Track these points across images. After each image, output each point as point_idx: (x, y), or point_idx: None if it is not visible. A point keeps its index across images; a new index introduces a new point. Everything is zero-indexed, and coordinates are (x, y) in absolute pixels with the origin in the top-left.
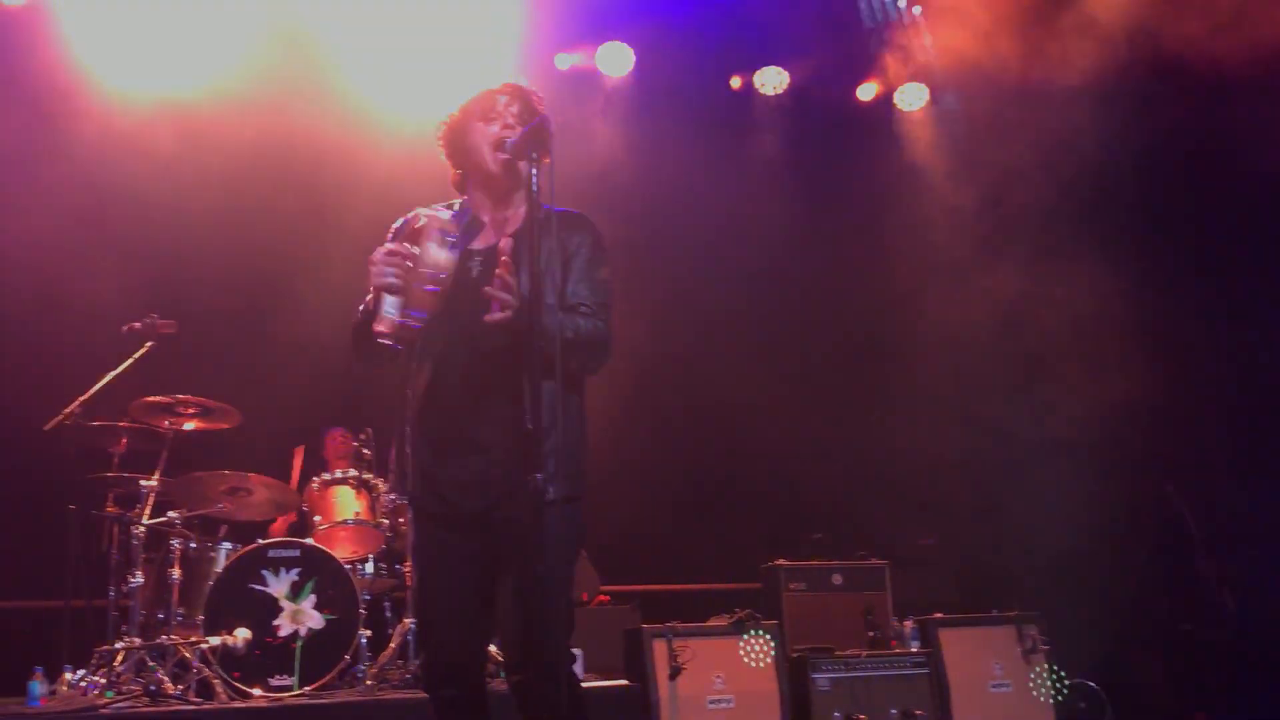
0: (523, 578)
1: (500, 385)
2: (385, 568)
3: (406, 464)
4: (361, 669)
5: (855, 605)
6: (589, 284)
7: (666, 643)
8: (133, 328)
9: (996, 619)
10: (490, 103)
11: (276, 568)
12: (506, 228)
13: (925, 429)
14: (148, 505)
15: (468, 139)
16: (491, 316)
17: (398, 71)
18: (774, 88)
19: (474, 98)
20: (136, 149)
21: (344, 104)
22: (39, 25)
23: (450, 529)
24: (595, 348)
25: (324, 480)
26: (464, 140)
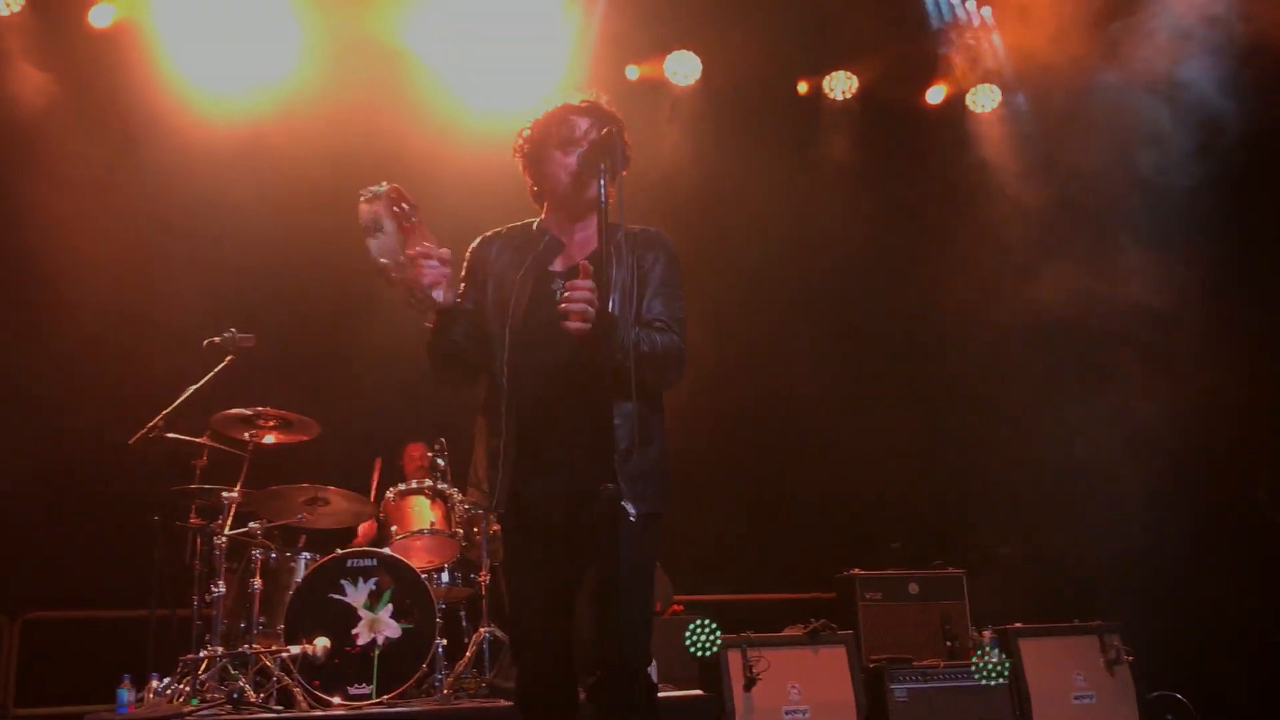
0: (602, 583)
1: (581, 402)
2: (461, 577)
3: (492, 481)
4: (438, 678)
5: (932, 614)
6: (664, 300)
7: (741, 653)
8: (213, 342)
9: (1078, 628)
10: (568, 128)
11: (355, 577)
12: (583, 249)
13: (1002, 434)
14: (229, 516)
15: (544, 165)
16: (569, 325)
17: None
18: (843, 92)
19: (550, 115)
20: (214, 165)
21: (421, 112)
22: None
23: (538, 544)
24: (671, 362)
25: (400, 491)
26: (541, 165)
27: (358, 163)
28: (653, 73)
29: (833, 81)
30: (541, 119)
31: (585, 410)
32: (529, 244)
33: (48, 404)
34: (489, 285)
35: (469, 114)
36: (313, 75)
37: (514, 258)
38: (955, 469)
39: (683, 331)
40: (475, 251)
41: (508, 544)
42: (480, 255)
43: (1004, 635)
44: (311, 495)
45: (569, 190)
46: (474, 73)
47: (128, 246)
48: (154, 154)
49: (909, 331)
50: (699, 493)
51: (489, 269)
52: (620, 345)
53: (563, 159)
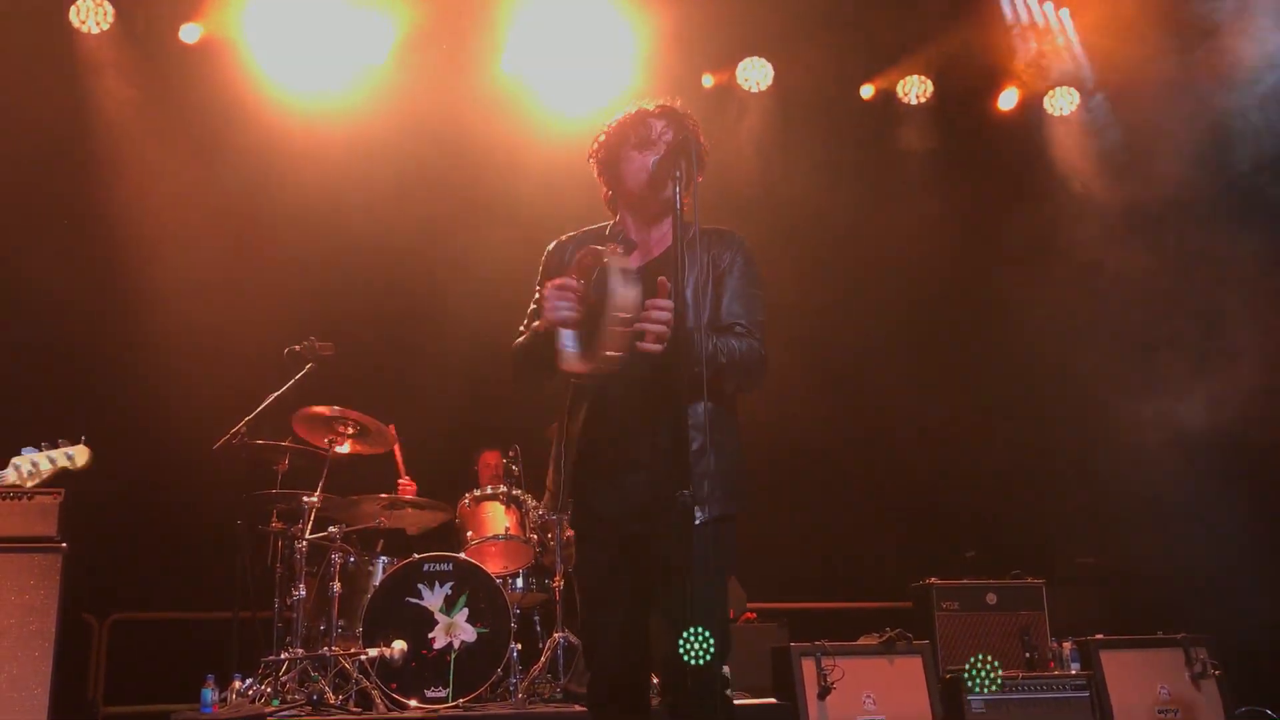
0: (675, 597)
1: (656, 409)
2: (535, 582)
3: (566, 487)
4: (514, 682)
5: (1011, 625)
6: (744, 301)
7: (815, 661)
8: (293, 350)
9: (1162, 640)
10: (645, 129)
11: (431, 582)
12: (657, 248)
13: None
14: (309, 521)
15: (621, 166)
16: (644, 346)
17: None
18: (917, 96)
19: (627, 118)
20: (295, 175)
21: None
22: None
23: (611, 550)
24: (751, 368)
25: (475, 496)
26: (617, 166)
27: (435, 169)
28: (725, 79)
29: (907, 86)
30: (618, 122)
31: (659, 415)
32: (603, 244)
33: (136, 410)
34: None
35: (549, 120)
36: (391, 84)
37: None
38: (1037, 478)
39: (763, 335)
40: (551, 255)
41: (580, 549)
42: (556, 259)
43: (1084, 647)
44: (389, 502)
45: (645, 191)
46: (552, 80)
47: (212, 257)
48: (237, 166)
49: (987, 338)
50: (775, 500)
51: (565, 272)
52: (697, 357)
53: (640, 158)
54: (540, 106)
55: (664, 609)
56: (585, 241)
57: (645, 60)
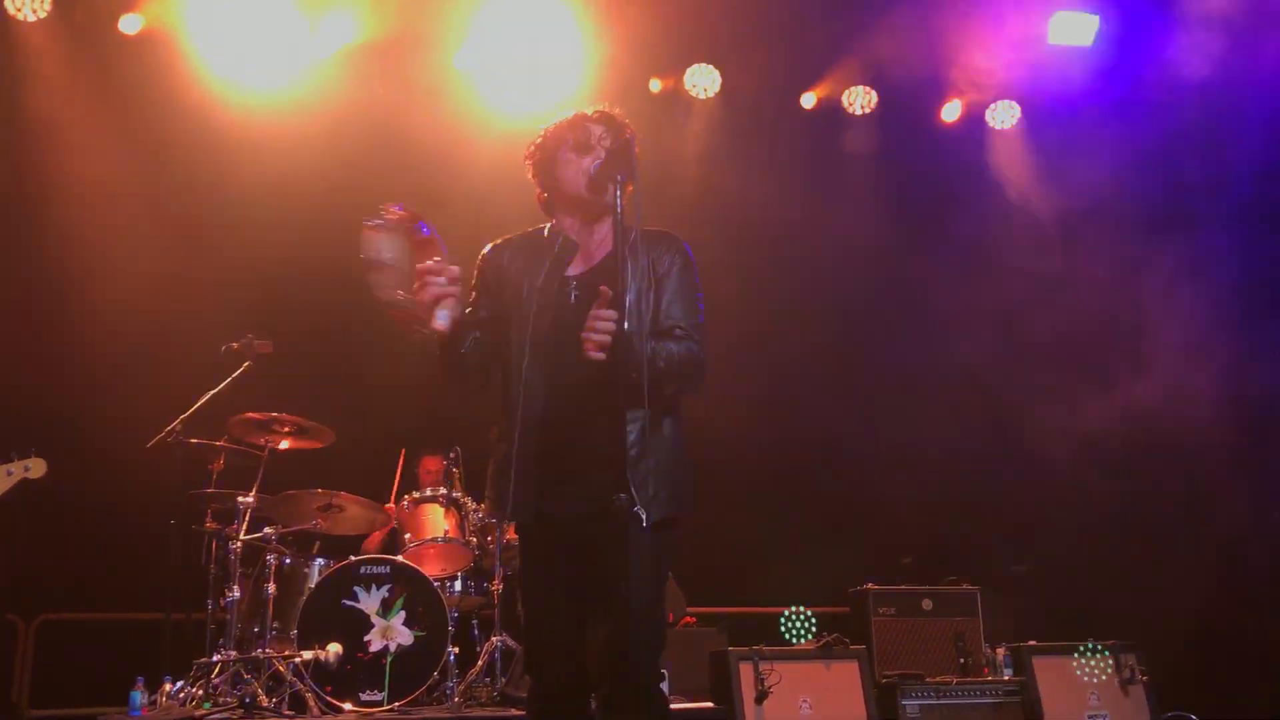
0: (614, 595)
1: (598, 412)
2: (473, 586)
3: (501, 490)
4: (450, 685)
5: (946, 631)
6: (682, 304)
7: (753, 665)
8: (231, 348)
9: (1093, 647)
10: (585, 132)
11: (368, 584)
12: (597, 252)
13: (1021, 452)
14: (244, 521)
15: (558, 169)
16: (589, 354)
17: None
18: (862, 106)
19: (566, 122)
20: (234, 170)
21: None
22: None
23: (553, 553)
24: (690, 372)
25: (414, 498)
26: (555, 167)
27: (380, 166)
28: (673, 84)
29: (851, 95)
30: (555, 125)
31: (599, 419)
32: (543, 249)
33: (69, 407)
34: (505, 292)
35: (497, 119)
36: (338, 79)
37: (529, 264)
38: (972, 486)
39: (702, 338)
40: (487, 258)
41: (522, 552)
42: (492, 262)
43: (1018, 653)
44: (326, 501)
45: (583, 193)
46: (503, 79)
47: (146, 251)
48: (177, 160)
49: (925, 346)
50: (713, 505)
51: (504, 276)
52: (637, 363)
53: (577, 162)
54: (489, 105)
55: (603, 610)
56: (522, 245)
57: (595, 63)
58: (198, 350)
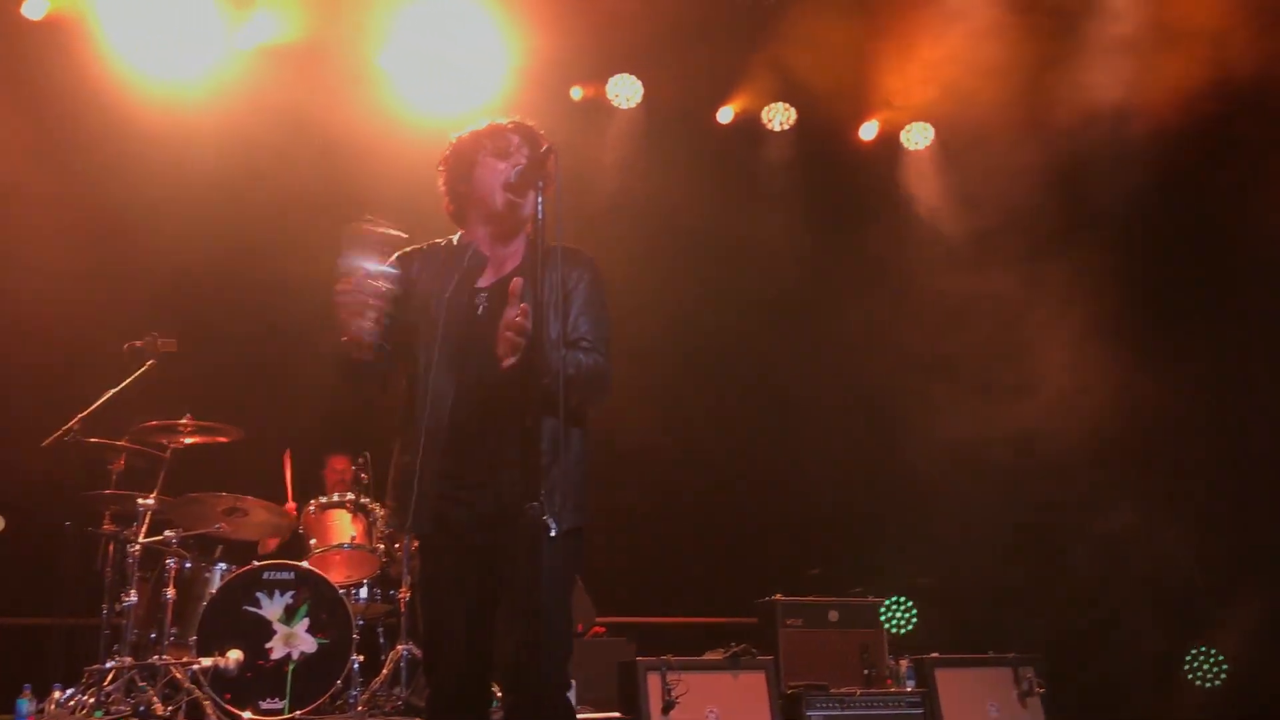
0: (521, 604)
1: (505, 421)
2: (380, 593)
3: (404, 499)
4: (354, 694)
5: (851, 642)
6: (590, 319)
7: (661, 676)
8: (134, 345)
9: (993, 660)
10: (503, 140)
11: (271, 590)
12: (508, 264)
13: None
14: (144, 524)
15: (475, 174)
16: (502, 353)
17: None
18: (781, 123)
19: (483, 131)
20: (142, 162)
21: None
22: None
23: (455, 561)
24: (596, 383)
25: (321, 504)
26: (471, 174)
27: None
28: (595, 93)
29: (771, 112)
30: (472, 133)
31: (507, 428)
32: (453, 260)
33: None
34: (412, 302)
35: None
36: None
37: (437, 274)
38: (879, 499)
39: (608, 351)
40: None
41: (425, 561)
42: (402, 268)
43: (920, 665)
44: (231, 505)
45: (497, 203)
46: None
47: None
48: (82, 151)
49: (838, 361)
50: (625, 516)
51: (411, 285)
52: (548, 369)
53: (493, 171)
54: (411, 106)
55: (508, 618)
56: (431, 255)
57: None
58: (100, 348)
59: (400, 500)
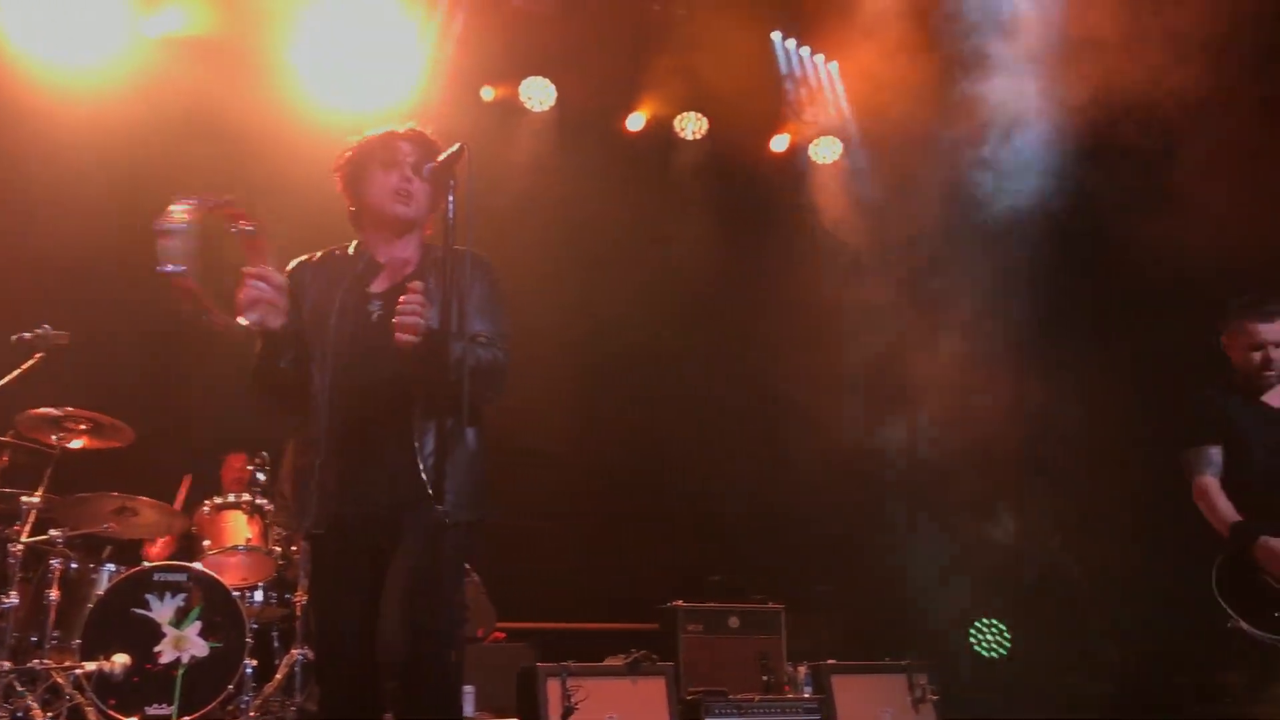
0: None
1: (402, 420)
2: (275, 596)
3: (302, 501)
4: (245, 700)
5: (751, 649)
6: (488, 316)
7: (560, 682)
8: (22, 338)
9: (888, 667)
10: (392, 149)
11: (161, 592)
12: (403, 270)
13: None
14: (28, 523)
15: (364, 183)
16: (402, 337)
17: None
18: (694, 132)
19: (376, 139)
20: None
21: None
22: None
23: (348, 561)
24: (494, 377)
25: (216, 504)
26: (361, 183)
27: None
28: (507, 94)
29: (684, 121)
30: (365, 140)
31: (403, 428)
32: (346, 266)
33: None
34: (305, 308)
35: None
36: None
37: (331, 280)
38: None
39: (506, 348)
40: (292, 273)
41: (316, 561)
42: (297, 277)
43: (817, 671)
44: (120, 505)
45: (387, 212)
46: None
47: None
48: None
49: (742, 370)
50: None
51: (305, 292)
52: (449, 362)
53: (384, 178)
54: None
55: (399, 612)
56: (326, 261)
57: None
58: None
59: (297, 502)
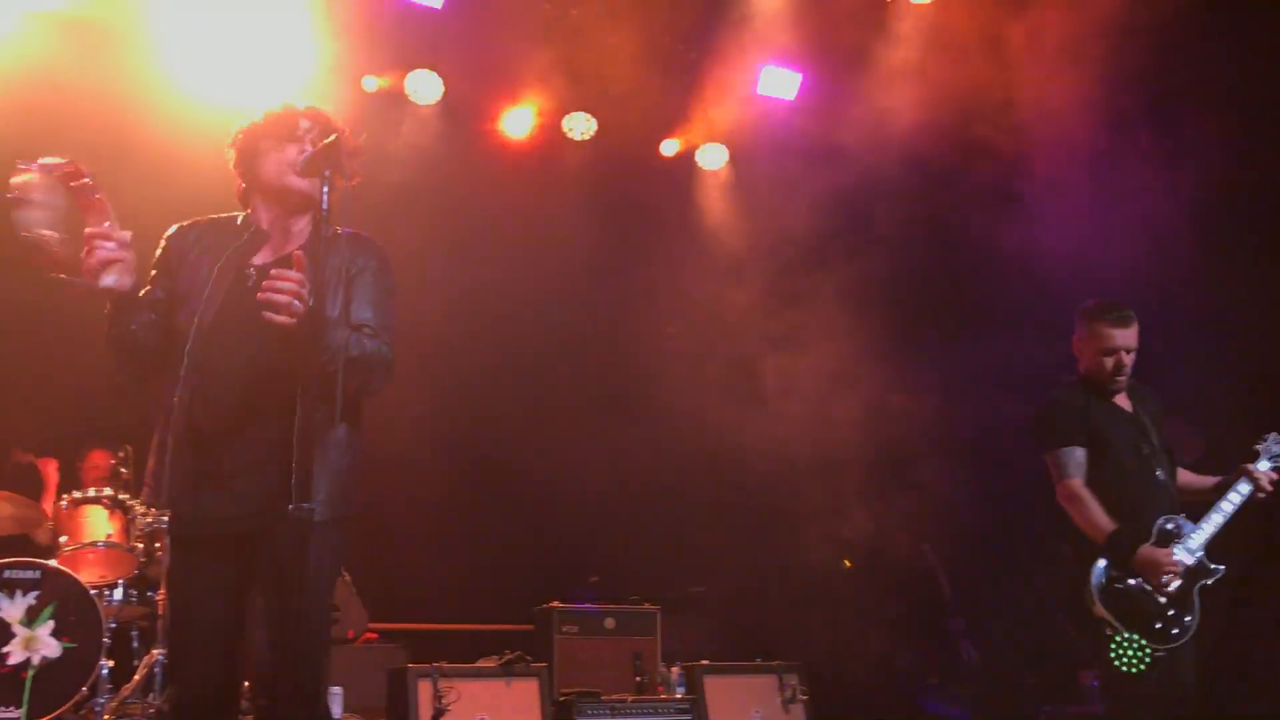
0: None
1: (271, 404)
2: (136, 594)
3: (160, 479)
4: (100, 701)
5: (625, 650)
6: (374, 307)
7: (432, 683)
8: None
9: (760, 667)
10: (293, 124)
11: (12, 590)
12: (289, 245)
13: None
14: None
15: (260, 158)
16: (272, 316)
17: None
18: (581, 133)
19: (275, 113)
20: None
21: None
22: None
23: (209, 553)
24: (377, 368)
25: (74, 499)
26: (257, 157)
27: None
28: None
29: (572, 121)
30: (263, 115)
31: (273, 413)
32: (231, 235)
33: None
34: (183, 276)
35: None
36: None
37: (212, 247)
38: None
39: (392, 340)
40: (171, 239)
41: (173, 549)
42: (176, 243)
43: (690, 672)
44: None
45: (283, 186)
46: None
47: None
48: None
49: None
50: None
51: (185, 259)
52: (328, 347)
53: (280, 153)
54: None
55: (263, 612)
56: (212, 228)
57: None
58: None
59: (155, 479)
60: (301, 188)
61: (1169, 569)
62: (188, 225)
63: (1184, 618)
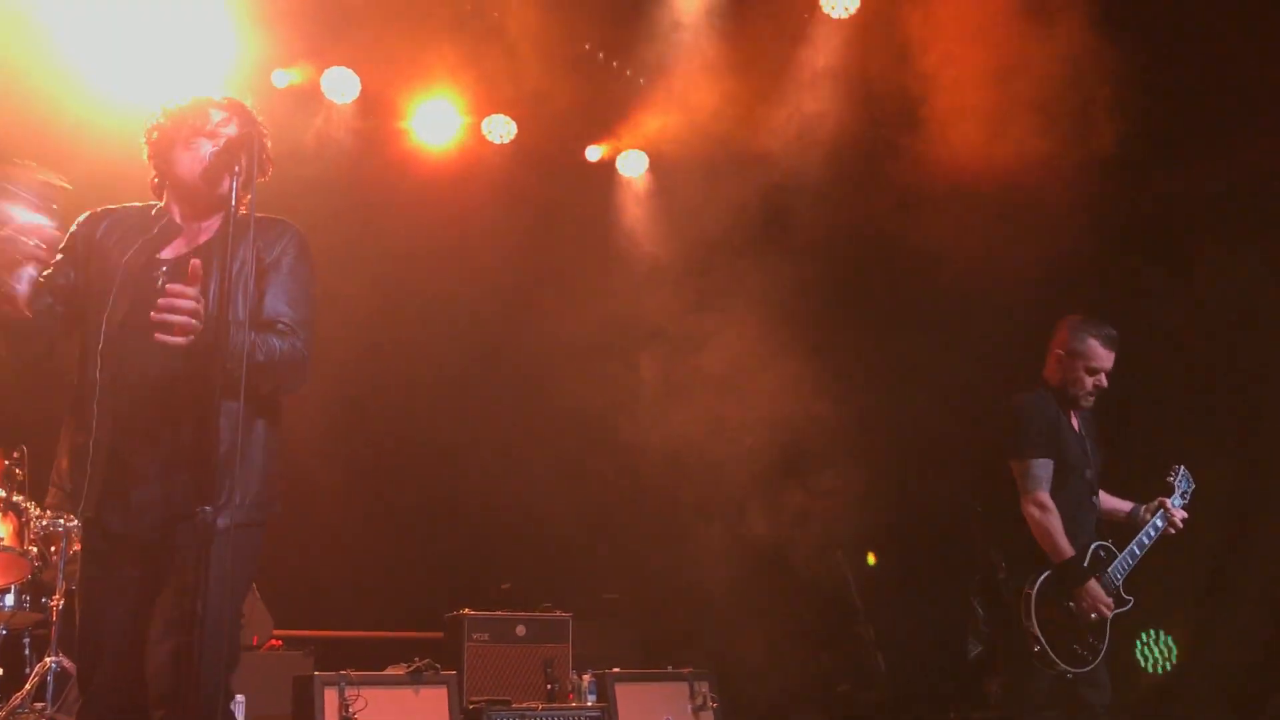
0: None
1: (182, 405)
2: (29, 600)
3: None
4: None
5: (537, 657)
6: (290, 299)
7: (338, 691)
8: None
9: (671, 675)
10: (204, 116)
11: None
12: (201, 237)
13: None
14: None
15: (174, 152)
16: (164, 337)
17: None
18: (501, 136)
19: (188, 105)
20: None
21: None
22: None
23: (119, 558)
24: (290, 370)
25: None
26: (171, 150)
27: None
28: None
29: (491, 124)
30: (177, 107)
31: (185, 413)
32: (142, 226)
33: None
34: (92, 265)
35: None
36: None
37: (122, 239)
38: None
39: (308, 335)
40: (82, 225)
41: (84, 553)
42: (86, 231)
43: (601, 679)
44: None
45: (196, 180)
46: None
47: None
48: None
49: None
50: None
51: (94, 247)
52: (232, 353)
53: (194, 147)
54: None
55: (170, 621)
56: (123, 218)
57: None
58: None
59: (75, 483)
60: (212, 183)
61: (1104, 609)
62: (100, 212)
63: (1098, 645)
